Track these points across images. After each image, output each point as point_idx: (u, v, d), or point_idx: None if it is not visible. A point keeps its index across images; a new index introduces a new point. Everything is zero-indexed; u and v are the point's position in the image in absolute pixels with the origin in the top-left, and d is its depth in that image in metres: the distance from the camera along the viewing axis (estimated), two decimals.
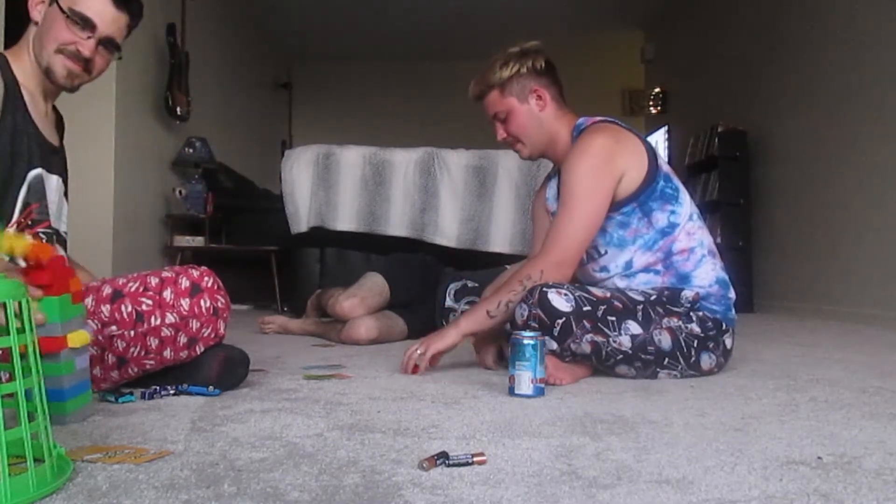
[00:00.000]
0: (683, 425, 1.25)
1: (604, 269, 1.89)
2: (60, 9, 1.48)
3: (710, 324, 1.79)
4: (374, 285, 2.80)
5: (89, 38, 1.50)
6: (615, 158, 1.80)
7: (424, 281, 2.92)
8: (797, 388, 1.66)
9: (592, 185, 1.78)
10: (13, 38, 3.66)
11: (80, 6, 1.49)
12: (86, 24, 1.49)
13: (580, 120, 1.92)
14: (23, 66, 1.51)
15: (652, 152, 1.86)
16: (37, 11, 1.51)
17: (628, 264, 1.85)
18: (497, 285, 2.06)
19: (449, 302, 2.88)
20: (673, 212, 1.84)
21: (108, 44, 1.54)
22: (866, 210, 3.97)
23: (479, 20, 7.59)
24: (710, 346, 1.79)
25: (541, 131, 1.93)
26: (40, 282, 1.19)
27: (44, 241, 1.49)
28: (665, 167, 1.88)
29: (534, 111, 1.91)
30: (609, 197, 1.80)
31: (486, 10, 7.39)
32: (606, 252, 1.87)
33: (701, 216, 1.92)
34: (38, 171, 1.51)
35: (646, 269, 1.84)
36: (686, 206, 1.86)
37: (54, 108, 1.67)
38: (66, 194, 1.66)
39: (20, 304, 0.87)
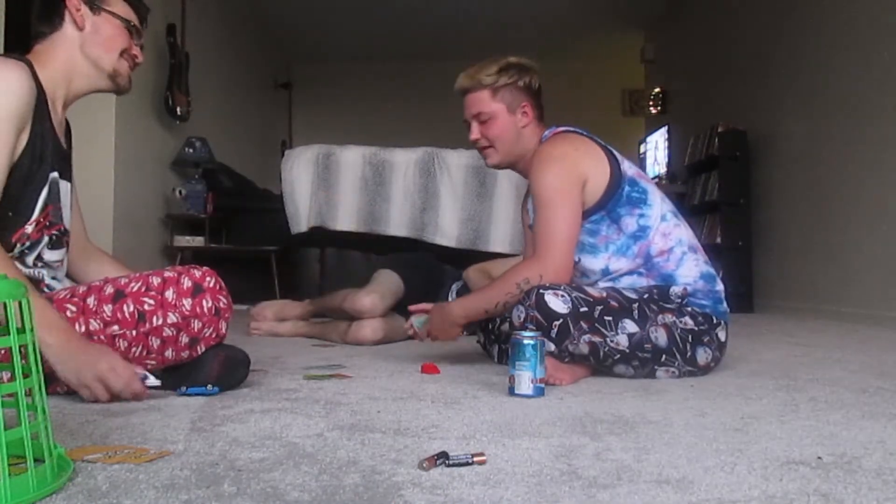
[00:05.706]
0: (683, 425, 1.25)
1: (584, 275, 1.90)
2: (120, 18, 1.58)
3: (700, 318, 1.80)
4: (391, 283, 2.80)
5: (138, 43, 1.64)
6: (576, 163, 1.83)
7: (430, 281, 2.92)
8: (797, 388, 1.66)
9: (561, 187, 1.80)
10: (10, 39, 3.62)
11: (131, 16, 1.60)
12: (139, 34, 1.62)
13: (546, 132, 1.95)
14: (48, 73, 1.52)
15: (614, 158, 1.87)
16: (81, 18, 1.55)
17: (605, 270, 1.85)
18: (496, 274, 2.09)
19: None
20: (642, 215, 1.84)
21: None
22: (866, 210, 3.97)
23: (480, 20, 7.59)
24: (705, 340, 1.80)
25: (516, 145, 1.95)
26: None
27: (53, 240, 1.55)
28: (631, 171, 1.89)
29: (518, 124, 1.93)
30: (580, 197, 1.82)
31: (486, 11, 7.38)
32: (580, 260, 1.87)
33: (677, 214, 1.92)
34: (55, 174, 1.54)
35: (629, 273, 1.84)
36: (656, 207, 1.86)
37: None
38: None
39: (21, 304, 0.87)
